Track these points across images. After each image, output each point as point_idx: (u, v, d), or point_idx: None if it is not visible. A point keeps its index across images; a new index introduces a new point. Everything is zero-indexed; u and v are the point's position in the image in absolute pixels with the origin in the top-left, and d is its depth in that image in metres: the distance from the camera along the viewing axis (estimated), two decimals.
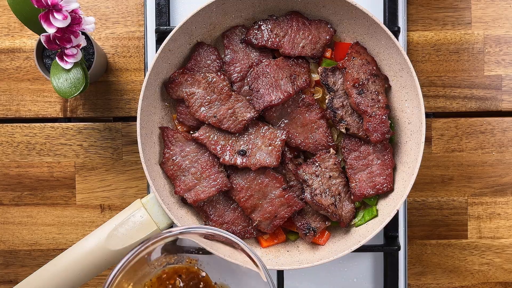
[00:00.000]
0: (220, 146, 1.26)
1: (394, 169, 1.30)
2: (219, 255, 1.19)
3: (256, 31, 1.29)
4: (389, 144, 1.29)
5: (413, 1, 1.45)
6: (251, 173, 1.27)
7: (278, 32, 1.29)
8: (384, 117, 1.26)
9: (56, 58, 1.18)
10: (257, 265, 1.07)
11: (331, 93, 1.28)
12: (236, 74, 1.30)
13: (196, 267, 1.24)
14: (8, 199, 1.44)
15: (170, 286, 1.20)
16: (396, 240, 1.37)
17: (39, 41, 1.29)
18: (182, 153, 1.28)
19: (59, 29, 1.12)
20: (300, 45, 1.29)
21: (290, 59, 1.29)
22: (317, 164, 1.27)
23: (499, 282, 1.46)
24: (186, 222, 1.25)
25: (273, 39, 1.28)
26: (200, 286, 1.21)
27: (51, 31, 1.11)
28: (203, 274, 1.23)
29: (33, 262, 1.44)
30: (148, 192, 1.42)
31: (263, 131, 1.27)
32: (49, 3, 1.08)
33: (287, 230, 1.33)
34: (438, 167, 1.45)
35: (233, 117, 1.26)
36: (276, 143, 1.26)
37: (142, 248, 1.06)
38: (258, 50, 1.31)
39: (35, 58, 1.31)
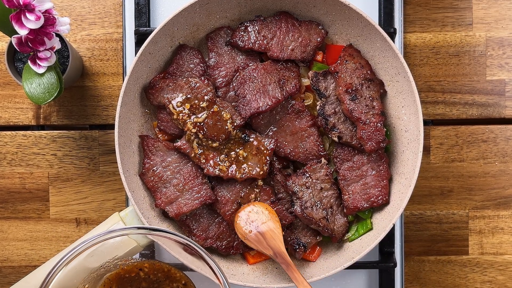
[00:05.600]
0: (203, 156, 1.27)
1: (390, 180, 1.31)
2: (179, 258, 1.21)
3: (242, 33, 1.30)
4: (385, 153, 1.30)
5: (410, 1, 1.46)
6: (237, 185, 1.28)
7: (266, 34, 1.29)
8: (379, 124, 1.26)
9: (29, 61, 1.18)
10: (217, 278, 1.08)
11: (322, 99, 1.29)
12: (221, 79, 1.30)
13: (158, 261, 1.21)
14: None
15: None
16: (392, 256, 1.38)
17: (10, 44, 1.30)
18: (163, 163, 1.28)
19: (31, 31, 1.12)
20: (290, 47, 1.30)
21: (278, 63, 1.30)
22: (307, 175, 1.28)
23: None
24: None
25: (260, 42, 1.29)
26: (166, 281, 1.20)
27: (23, 32, 1.12)
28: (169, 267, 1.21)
29: (4, 279, 1.44)
30: (127, 205, 1.42)
31: (250, 139, 1.28)
32: (21, 3, 1.09)
33: None
34: (437, 178, 1.46)
35: (218, 125, 1.27)
36: (264, 152, 1.27)
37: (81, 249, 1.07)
38: (244, 53, 1.32)
39: (6, 62, 1.31)
